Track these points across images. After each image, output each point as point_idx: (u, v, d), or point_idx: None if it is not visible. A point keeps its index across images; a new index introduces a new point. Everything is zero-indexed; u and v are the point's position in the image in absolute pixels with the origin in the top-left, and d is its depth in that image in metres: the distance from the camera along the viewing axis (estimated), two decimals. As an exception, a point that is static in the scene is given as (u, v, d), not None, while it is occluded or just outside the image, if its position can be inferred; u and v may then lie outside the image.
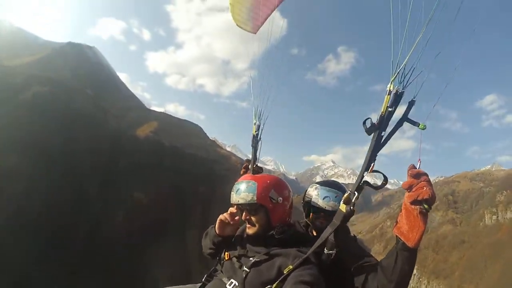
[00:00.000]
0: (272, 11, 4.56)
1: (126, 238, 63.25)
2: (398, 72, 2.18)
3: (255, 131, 4.03)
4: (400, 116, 2.31)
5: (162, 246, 66.41)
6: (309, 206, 3.28)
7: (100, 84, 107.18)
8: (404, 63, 2.14)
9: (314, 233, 3.28)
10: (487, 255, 76.86)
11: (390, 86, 2.23)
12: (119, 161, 75.18)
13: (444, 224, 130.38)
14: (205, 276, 2.92)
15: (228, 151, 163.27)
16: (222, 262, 2.84)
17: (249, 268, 2.54)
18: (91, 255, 57.18)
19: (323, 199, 3.16)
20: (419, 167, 2.20)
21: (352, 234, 3.07)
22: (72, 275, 52.16)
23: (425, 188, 2.12)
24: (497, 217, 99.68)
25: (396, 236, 2.30)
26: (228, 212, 2.94)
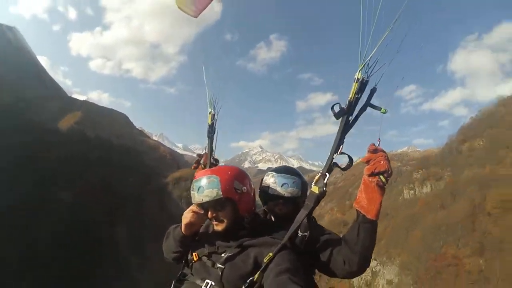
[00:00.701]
0: None
1: (54, 238, 60.58)
2: (365, 63, 2.38)
3: (211, 121, 3.76)
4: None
5: (93, 244, 64.61)
6: (267, 194, 3.17)
7: (20, 70, 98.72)
8: (370, 55, 2.35)
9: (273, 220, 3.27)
10: (408, 225, 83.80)
11: (358, 75, 2.39)
12: (40, 156, 70.59)
13: None
14: (174, 282, 2.68)
15: (156, 141, 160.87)
16: (190, 264, 2.66)
17: (223, 264, 2.42)
18: (15, 259, 54.37)
19: (281, 186, 3.09)
20: (379, 144, 2.43)
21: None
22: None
23: (382, 162, 2.34)
24: (414, 192, 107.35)
25: (357, 210, 2.45)
26: (193, 210, 2.73)
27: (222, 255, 2.48)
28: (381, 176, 2.35)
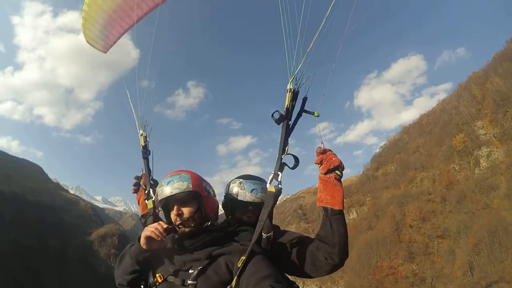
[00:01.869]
0: (126, 31, 4.55)
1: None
2: (294, 76, 2.72)
3: (144, 142, 3.77)
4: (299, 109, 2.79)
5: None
6: (234, 202, 3.07)
7: None
8: (297, 70, 2.72)
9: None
10: None
11: (289, 86, 2.71)
12: None
13: None
14: None
15: (74, 195, 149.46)
16: (154, 287, 2.42)
17: (195, 279, 2.25)
18: None
19: (251, 192, 3.02)
20: (324, 147, 2.59)
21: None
22: None
23: (334, 158, 2.48)
24: None
25: (323, 207, 2.53)
26: (156, 226, 2.44)
27: (190, 271, 2.33)
28: (336, 171, 2.51)
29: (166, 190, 2.49)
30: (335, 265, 2.56)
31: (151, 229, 2.44)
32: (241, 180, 3.15)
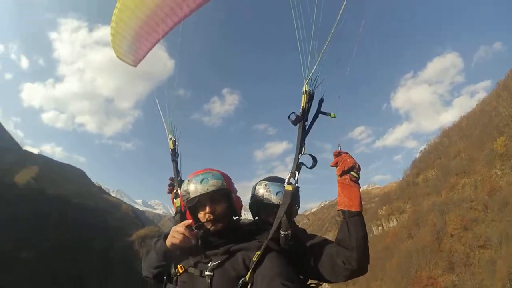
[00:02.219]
0: (154, 45, 4.70)
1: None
2: (309, 78, 2.76)
3: (172, 146, 3.91)
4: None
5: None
6: (260, 204, 3.10)
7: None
8: (312, 72, 2.75)
9: None
10: (383, 257, 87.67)
11: (305, 88, 2.75)
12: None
13: None
14: None
15: (116, 198, 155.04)
16: (175, 278, 2.52)
17: (212, 271, 2.36)
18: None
19: (276, 194, 3.04)
20: (340, 150, 2.63)
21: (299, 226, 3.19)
22: None
23: (348, 160, 2.50)
24: (383, 227, 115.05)
25: (341, 210, 2.51)
26: (183, 231, 2.46)
27: (209, 264, 2.43)
28: (352, 172, 2.50)
29: (200, 188, 2.53)
30: (353, 271, 2.51)
31: (178, 237, 2.50)
32: (267, 182, 3.20)
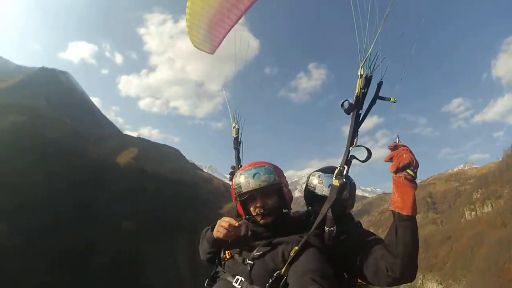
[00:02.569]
0: (228, 31, 4.65)
1: (116, 270, 60.56)
2: (366, 59, 2.46)
3: (235, 134, 4.05)
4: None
5: (155, 275, 64.58)
6: (312, 195, 3.07)
7: (75, 111, 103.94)
8: (369, 50, 2.43)
9: None
10: (472, 244, 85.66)
11: (360, 71, 2.48)
12: (103, 191, 71.98)
13: (426, 225, 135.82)
14: (207, 280, 2.76)
15: (209, 174, 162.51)
16: (223, 262, 2.67)
17: (252, 260, 2.45)
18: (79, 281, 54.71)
19: (329, 187, 2.89)
20: (399, 141, 2.33)
21: (356, 220, 3.07)
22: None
23: (404, 155, 2.22)
24: (476, 212, 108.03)
25: (392, 211, 2.32)
26: (228, 226, 2.56)
27: (252, 252, 2.49)
28: (408, 170, 2.23)
29: (253, 183, 2.56)
30: (396, 279, 2.34)
31: (220, 229, 2.62)
32: (320, 173, 3.12)
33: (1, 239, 50.76)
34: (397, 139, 2.34)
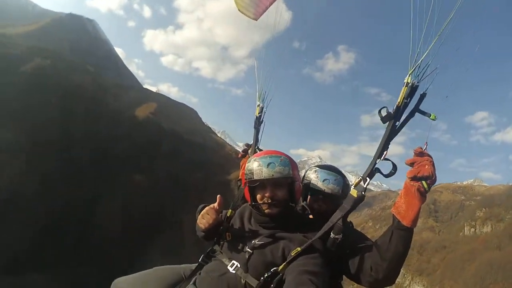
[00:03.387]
0: None
1: (123, 222, 61.91)
2: (416, 66, 2.29)
3: (258, 113, 3.98)
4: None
5: (160, 232, 65.94)
6: (308, 188, 3.21)
7: (99, 60, 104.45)
8: (421, 58, 2.25)
9: (311, 217, 3.24)
10: (465, 259, 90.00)
11: (408, 79, 2.31)
12: (119, 142, 72.73)
13: (424, 230, 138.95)
14: (202, 256, 2.86)
15: (221, 139, 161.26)
16: (222, 242, 2.74)
17: (252, 249, 2.48)
18: (86, 240, 55.79)
19: (323, 181, 3.10)
20: (425, 148, 2.26)
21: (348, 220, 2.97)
22: (66, 259, 50.61)
23: (427, 167, 2.15)
24: (475, 230, 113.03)
25: (393, 215, 2.32)
26: (207, 212, 2.82)
27: (253, 241, 2.53)
28: (423, 182, 2.20)
29: (266, 172, 2.54)
30: (377, 281, 2.42)
31: (201, 222, 2.82)
32: (317, 168, 3.24)
33: (16, 177, 52.11)
34: (425, 146, 2.28)
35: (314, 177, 3.19)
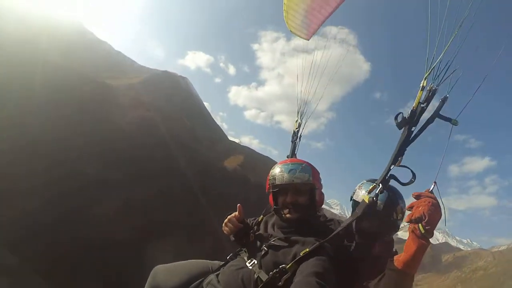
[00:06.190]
0: (326, 18, 4.53)
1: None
2: (433, 69, 2.22)
3: (296, 128, 4.10)
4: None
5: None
6: (355, 203, 2.91)
7: (191, 114, 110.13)
8: (438, 59, 2.19)
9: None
10: None
11: (423, 82, 2.25)
12: (210, 191, 75.24)
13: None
14: (230, 255, 2.97)
15: None
16: (247, 243, 2.85)
17: (268, 248, 2.56)
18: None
19: (364, 193, 2.75)
20: (432, 190, 2.10)
21: (394, 250, 2.73)
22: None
23: (420, 208, 2.02)
24: None
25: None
26: (228, 222, 2.98)
27: (270, 241, 2.62)
28: (419, 224, 2.03)
29: (287, 177, 2.68)
30: None
31: (225, 228, 3.04)
32: (364, 181, 3.02)
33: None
34: (432, 187, 2.14)
35: (358, 189, 3.00)
